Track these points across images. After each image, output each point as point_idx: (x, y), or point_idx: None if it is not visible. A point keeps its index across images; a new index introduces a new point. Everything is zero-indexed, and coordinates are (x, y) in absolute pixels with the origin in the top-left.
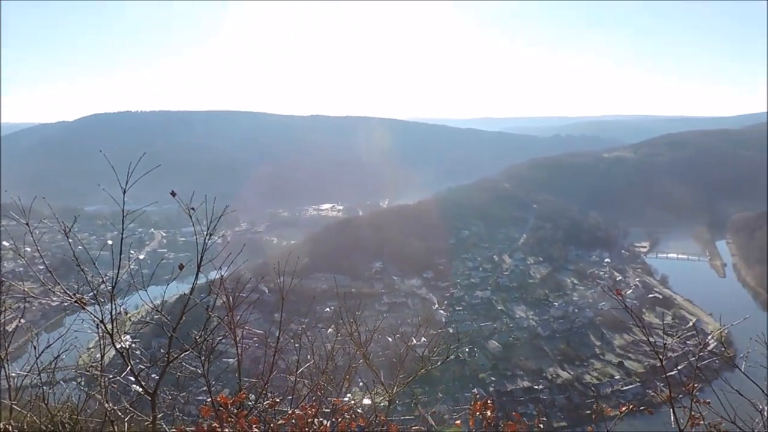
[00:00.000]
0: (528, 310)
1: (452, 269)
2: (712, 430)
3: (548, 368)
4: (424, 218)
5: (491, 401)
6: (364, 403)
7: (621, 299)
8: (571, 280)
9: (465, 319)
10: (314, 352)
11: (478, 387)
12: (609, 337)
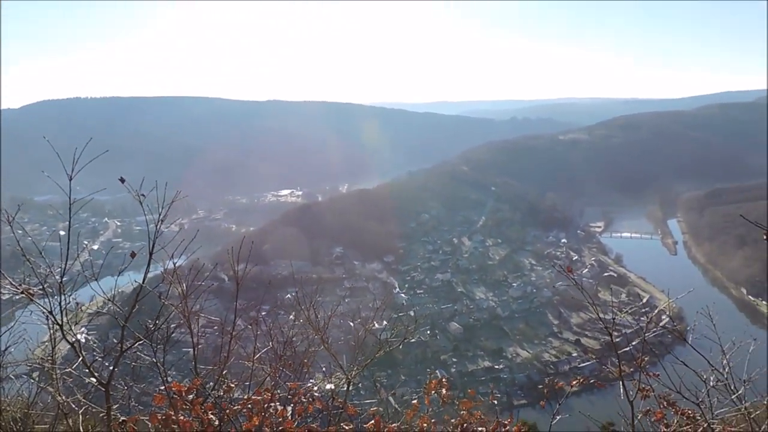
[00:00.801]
0: (487, 292)
1: (412, 253)
2: (661, 401)
3: (508, 348)
4: (383, 203)
5: (446, 380)
6: (327, 388)
7: (572, 277)
8: (529, 260)
9: (426, 302)
10: (273, 338)
11: (439, 368)
12: (566, 315)
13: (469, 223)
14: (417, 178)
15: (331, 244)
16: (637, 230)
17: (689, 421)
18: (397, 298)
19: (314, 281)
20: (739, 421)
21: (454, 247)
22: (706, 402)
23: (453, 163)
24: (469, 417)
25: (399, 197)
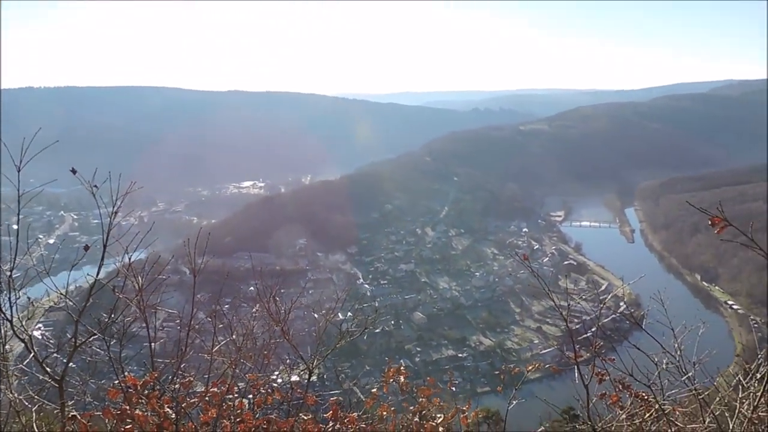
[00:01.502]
0: (451, 281)
1: (376, 243)
2: (617, 385)
3: (471, 336)
4: (347, 193)
5: (404, 368)
6: (293, 380)
7: (529, 265)
8: (492, 250)
9: (389, 292)
10: (233, 331)
11: (404, 358)
12: (528, 303)
13: (432, 213)
14: (380, 169)
15: (294, 235)
16: (596, 219)
17: (643, 403)
18: (361, 289)
19: (277, 273)
20: (691, 402)
21: (418, 237)
22: (658, 384)
23: (416, 153)
24: (427, 404)
25: (362, 188)
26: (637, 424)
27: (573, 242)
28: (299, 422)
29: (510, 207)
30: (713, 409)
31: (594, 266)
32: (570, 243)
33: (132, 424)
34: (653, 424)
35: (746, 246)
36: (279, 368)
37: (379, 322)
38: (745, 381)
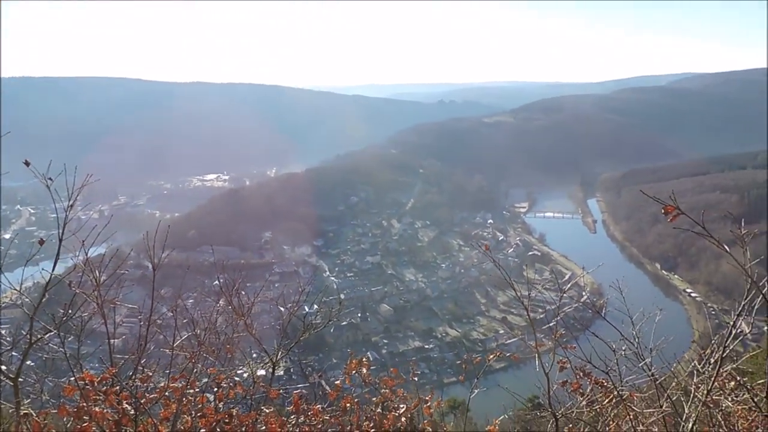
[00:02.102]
0: (417, 273)
1: (342, 236)
2: (577, 373)
3: (438, 327)
4: (312, 186)
5: (368, 360)
6: (260, 374)
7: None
8: (457, 241)
9: (356, 285)
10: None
11: (371, 350)
12: (493, 294)
13: (398, 205)
14: (346, 162)
15: (259, 229)
16: (559, 210)
17: (602, 390)
18: (327, 282)
19: (242, 267)
20: (649, 387)
21: (384, 229)
22: (618, 371)
23: (382, 145)
24: (390, 395)
25: (328, 180)
26: (596, 410)
27: (537, 233)
28: (261, 416)
29: (475, 199)
30: (670, 394)
31: (558, 256)
32: (534, 234)
33: (89, 421)
34: (613, 410)
35: (698, 234)
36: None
37: (346, 314)
38: (700, 366)
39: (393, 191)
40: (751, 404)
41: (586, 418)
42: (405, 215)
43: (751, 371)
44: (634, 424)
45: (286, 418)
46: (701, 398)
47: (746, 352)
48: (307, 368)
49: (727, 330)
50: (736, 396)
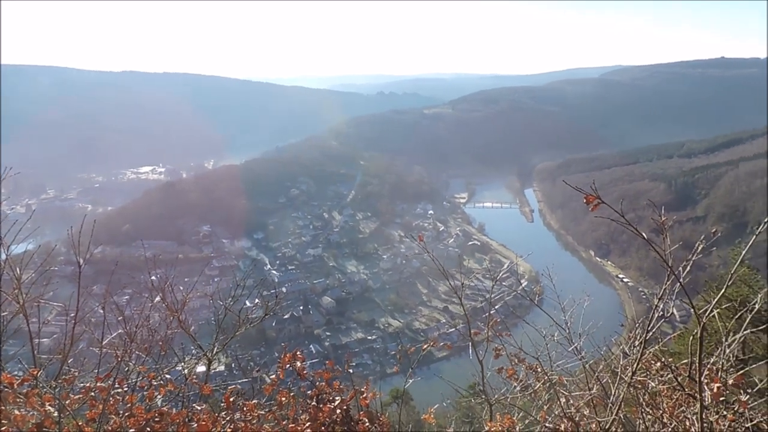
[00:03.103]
0: (359, 265)
1: (283, 228)
2: (513, 359)
3: (380, 319)
4: (252, 178)
5: (300, 353)
6: (199, 370)
7: (424, 245)
8: (398, 232)
9: (298, 278)
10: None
11: (313, 343)
12: (434, 284)
13: (339, 197)
14: (286, 153)
15: (197, 222)
16: (498, 200)
17: (535, 374)
18: (268, 275)
19: (180, 261)
20: (582, 371)
21: (325, 221)
22: (549, 356)
23: (322, 137)
24: (327, 387)
25: (268, 173)
26: (530, 394)
27: (477, 223)
28: (192, 413)
29: (416, 190)
30: (599, 377)
31: (497, 246)
32: (474, 224)
33: (7, 424)
34: (546, 394)
35: (615, 222)
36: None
37: (287, 307)
38: (627, 349)
39: (334, 183)
40: (675, 384)
41: (519, 403)
42: (346, 207)
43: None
44: (565, 407)
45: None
46: (627, 380)
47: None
48: (249, 363)
49: (650, 313)
50: (661, 376)
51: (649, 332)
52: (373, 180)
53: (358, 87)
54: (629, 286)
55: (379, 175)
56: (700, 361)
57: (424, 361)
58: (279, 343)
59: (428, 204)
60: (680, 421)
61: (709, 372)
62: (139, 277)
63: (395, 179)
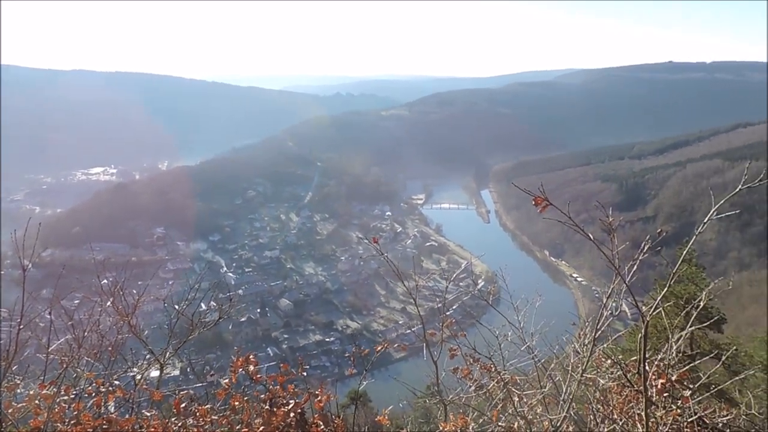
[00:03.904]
0: (317, 266)
1: (239, 230)
2: (468, 359)
3: (338, 320)
4: (207, 180)
5: (253, 356)
6: (153, 375)
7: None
8: (356, 234)
9: (255, 280)
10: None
11: (271, 346)
12: (393, 285)
13: (297, 198)
14: (242, 155)
15: (151, 224)
16: (454, 201)
17: (489, 374)
18: (225, 278)
19: (133, 264)
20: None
21: (282, 223)
22: (502, 355)
23: (279, 138)
24: (281, 391)
25: (224, 174)
26: (484, 394)
27: (434, 224)
28: (142, 419)
29: (374, 191)
30: (552, 375)
31: (454, 247)
32: (431, 225)
33: None
34: (500, 393)
35: (562, 222)
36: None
37: (244, 310)
38: (578, 347)
39: (291, 184)
40: (624, 380)
41: (474, 403)
42: (303, 208)
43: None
44: (518, 405)
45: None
46: (577, 378)
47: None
48: (204, 367)
49: (599, 312)
50: (611, 373)
51: (598, 331)
52: (330, 181)
53: (314, 88)
54: (583, 285)
55: (337, 176)
56: (644, 358)
57: (383, 362)
58: (235, 347)
59: (386, 205)
60: (629, 417)
61: (656, 368)
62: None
63: (353, 180)
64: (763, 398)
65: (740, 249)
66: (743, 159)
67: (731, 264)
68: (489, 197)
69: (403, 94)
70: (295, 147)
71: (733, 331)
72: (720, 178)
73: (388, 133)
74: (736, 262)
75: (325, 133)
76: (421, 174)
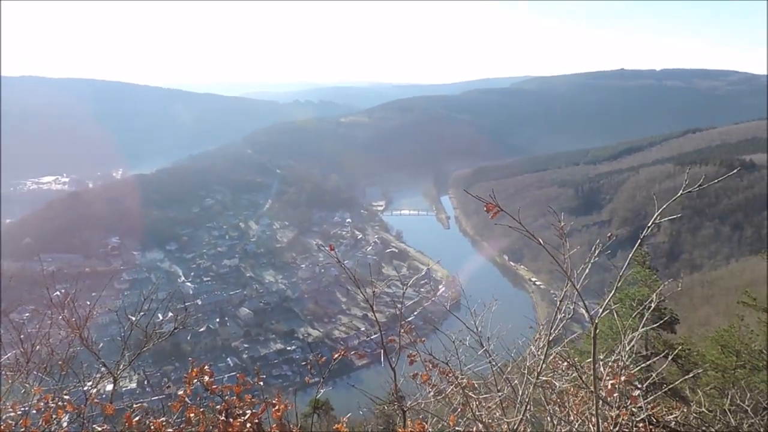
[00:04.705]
0: (277, 274)
1: (197, 239)
2: (427, 365)
3: (299, 328)
4: (164, 188)
5: (208, 366)
6: (108, 389)
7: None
8: (317, 241)
9: (213, 289)
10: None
11: (231, 356)
12: (353, 292)
13: (256, 206)
14: (200, 162)
15: (105, 234)
16: (415, 207)
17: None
18: (183, 288)
19: (87, 275)
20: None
21: (241, 231)
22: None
23: (237, 145)
24: (237, 401)
25: (181, 182)
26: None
27: (394, 231)
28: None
29: (334, 198)
30: (510, 379)
31: (414, 253)
32: (391, 231)
33: None
34: (459, 398)
35: (512, 228)
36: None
37: (203, 320)
38: (534, 350)
39: (250, 192)
40: (580, 382)
41: (433, 409)
42: (263, 216)
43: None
44: (476, 409)
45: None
46: (533, 380)
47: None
48: (162, 379)
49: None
50: (568, 375)
51: (552, 334)
52: (290, 189)
53: (272, 95)
54: (541, 289)
55: (296, 183)
56: (595, 359)
57: (345, 370)
58: (194, 357)
59: (346, 212)
60: (586, 418)
61: (610, 369)
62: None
63: (312, 188)
64: (715, 396)
65: (691, 251)
66: (694, 164)
67: (683, 266)
68: (449, 203)
69: (362, 101)
70: (254, 154)
71: (686, 331)
72: (671, 182)
73: (348, 140)
74: (687, 263)
75: (284, 140)
76: (381, 181)
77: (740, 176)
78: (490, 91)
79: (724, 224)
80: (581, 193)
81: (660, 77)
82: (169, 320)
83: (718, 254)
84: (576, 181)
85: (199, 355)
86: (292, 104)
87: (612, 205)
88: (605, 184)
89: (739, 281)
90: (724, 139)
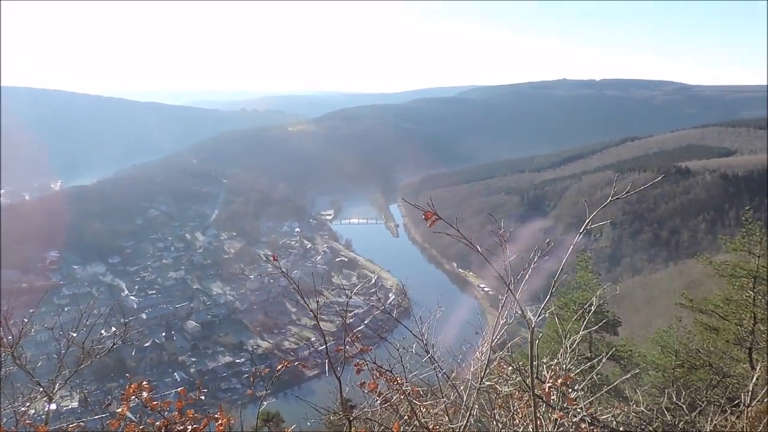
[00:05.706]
0: (225, 286)
1: (141, 251)
2: (374, 373)
3: (248, 340)
4: (105, 199)
5: (147, 382)
6: (50, 408)
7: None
8: (265, 251)
9: (159, 303)
10: None
11: (177, 370)
12: (304, 302)
13: (202, 217)
14: (143, 172)
15: (44, 248)
16: (364, 216)
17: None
18: (126, 302)
19: (24, 291)
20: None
21: (187, 242)
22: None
23: (182, 155)
24: (178, 417)
25: (123, 193)
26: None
27: (344, 239)
28: None
29: (282, 207)
30: (456, 385)
31: (364, 261)
32: (341, 240)
33: None
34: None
35: (449, 235)
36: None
37: (148, 334)
38: (479, 355)
39: (196, 202)
40: (524, 386)
41: (380, 417)
42: (209, 227)
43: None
44: (422, 416)
45: None
46: (477, 386)
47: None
48: (106, 396)
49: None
50: (513, 380)
51: (494, 339)
52: (237, 198)
53: (217, 104)
54: (489, 294)
55: (244, 193)
56: (532, 363)
57: (296, 381)
58: (140, 373)
59: (294, 222)
60: (530, 421)
61: (553, 372)
62: None
63: (260, 197)
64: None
65: (632, 255)
66: (633, 170)
67: (625, 269)
68: (398, 211)
69: (309, 110)
70: (200, 164)
71: (628, 333)
72: (611, 189)
73: (295, 149)
74: (629, 267)
75: (231, 149)
76: (329, 189)
77: (677, 182)
78: (436, 100)
79: (662, 229)
80: (527, 200)
81: (600, 87)
82: (110, 336)
83: (658, 258)
84: (521, 188)
85: (144, 371)
86: (238, 113)
87: (556, 211)
88: (549, 191)
89: (677, 283)
90: (661, 146)
